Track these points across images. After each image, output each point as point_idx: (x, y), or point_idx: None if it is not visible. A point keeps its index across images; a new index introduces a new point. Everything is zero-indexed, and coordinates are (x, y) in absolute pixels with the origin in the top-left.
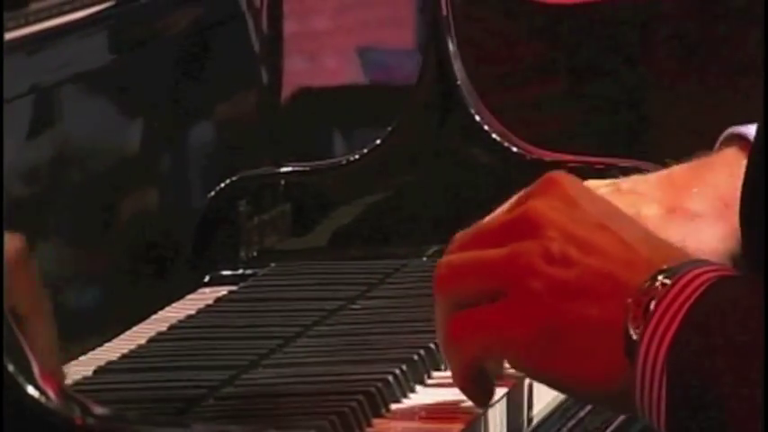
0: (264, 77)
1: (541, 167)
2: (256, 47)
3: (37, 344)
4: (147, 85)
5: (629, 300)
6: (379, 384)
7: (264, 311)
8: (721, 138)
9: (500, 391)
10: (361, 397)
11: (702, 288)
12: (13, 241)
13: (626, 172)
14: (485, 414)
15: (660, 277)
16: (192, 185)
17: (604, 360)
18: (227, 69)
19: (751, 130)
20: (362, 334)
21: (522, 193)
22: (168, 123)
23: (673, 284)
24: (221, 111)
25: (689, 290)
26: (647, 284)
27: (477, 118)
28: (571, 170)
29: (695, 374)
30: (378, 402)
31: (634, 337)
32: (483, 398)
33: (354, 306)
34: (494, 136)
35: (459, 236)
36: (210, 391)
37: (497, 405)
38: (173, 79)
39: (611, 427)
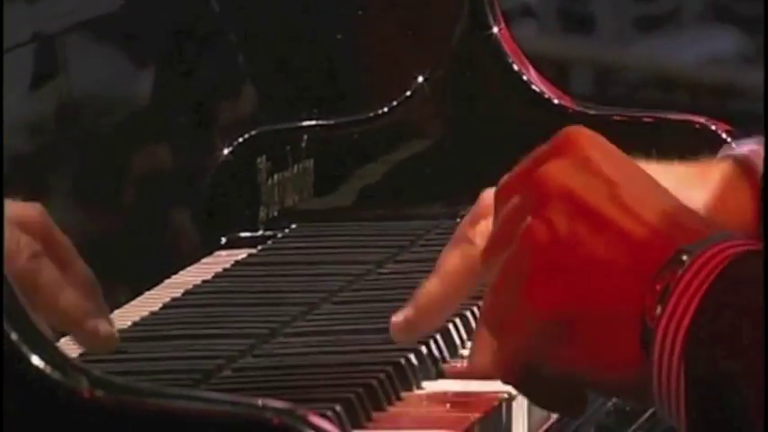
0: (285, 24)
1: (585, 121)
2: None
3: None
4: (157, 32)
5: (646, 285)
6: (410, 356)
7: (285, 276)
8: (722, 151)
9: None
10: (390, 369)
11: (719, 268)
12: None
13: (676, 127)
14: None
15: (678, 258)
16: (206, 140)
17: (620, 349)
18: (245, 15)
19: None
20: (391, 301)
21: (542, 148)
22: (180, 73)
23: (689, 266)
24: (238, 60)
25: (705, 271)
26: (664, 268)
27: (516, 67)
28: (617, 125)
29: (712, 366)
30: (408, 375)
31: (649, 326)
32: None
33: (382, 270)
34: (533, 87)
35: (485, 196)
36: (228, 362)
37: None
38: (184, 26)
39: None
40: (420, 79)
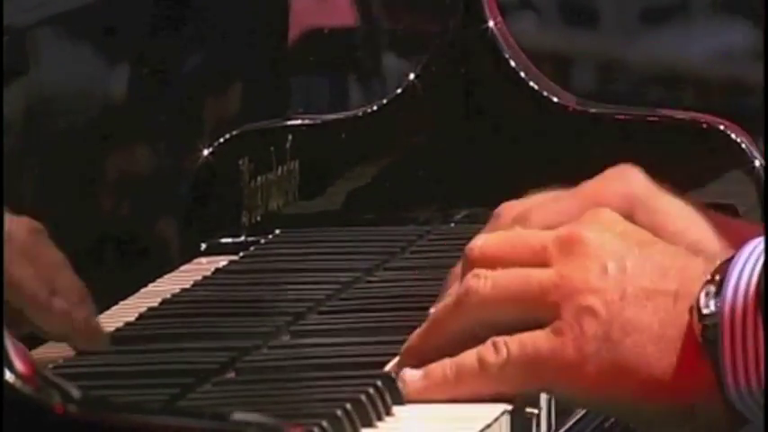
0: (269, 16)
1: (585, 121)
2: None
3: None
4: (133, 25)
5: (696, 287)
6: None
7: (269, 284)
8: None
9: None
10: (379, 382)
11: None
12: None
13: (683, 126)
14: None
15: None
16: (186, 140)
17: (679, 358)
18: (226, 7)
19: None
20: (381, 310)
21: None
22: (158, 69)
23: (736, 260)
24: (219, 55)
25: (752, 260)
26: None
27: (513, 63)
28: (620, 124)
29: None
30: (399, 388)
31: (708, 310)
32: None
33: (372, 278)
34: (531, 84)
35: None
36: (208, 375)
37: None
38: (162, 19)
39: None
40: (411, 76)
